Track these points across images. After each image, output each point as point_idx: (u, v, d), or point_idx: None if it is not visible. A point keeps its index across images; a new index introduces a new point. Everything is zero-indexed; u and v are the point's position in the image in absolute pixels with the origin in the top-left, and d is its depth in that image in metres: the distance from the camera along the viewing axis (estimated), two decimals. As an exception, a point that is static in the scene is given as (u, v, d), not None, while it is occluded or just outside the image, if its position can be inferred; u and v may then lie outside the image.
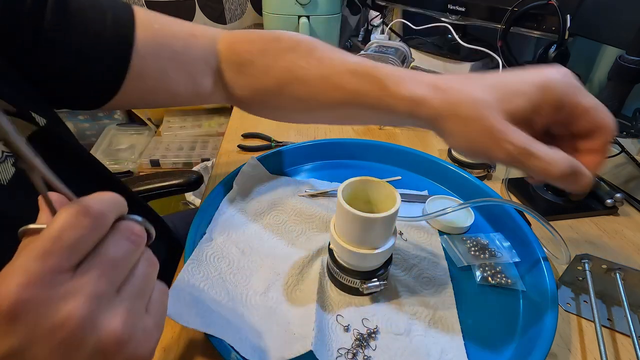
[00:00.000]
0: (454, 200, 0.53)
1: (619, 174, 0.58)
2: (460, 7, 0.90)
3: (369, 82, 0.34)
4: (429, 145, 0.70)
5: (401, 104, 0.32)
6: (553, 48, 0.73)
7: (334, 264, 0.39)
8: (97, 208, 0.20)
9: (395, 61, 0.68)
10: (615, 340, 0.37)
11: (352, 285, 0.38)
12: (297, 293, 0.39)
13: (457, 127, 0.30)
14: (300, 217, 0.49)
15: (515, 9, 0.77)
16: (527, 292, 0.40)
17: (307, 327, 0.34)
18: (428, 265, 0.43)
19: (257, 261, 0.42)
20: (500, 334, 0.37)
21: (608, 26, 0.65)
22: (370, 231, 0.34)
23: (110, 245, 0.20)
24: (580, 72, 0.83)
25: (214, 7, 1.17)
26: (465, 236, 0.47)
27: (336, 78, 0.36)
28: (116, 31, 0.36)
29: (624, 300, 0.36)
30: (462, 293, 0.40)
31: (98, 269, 0.20)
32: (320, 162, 0.61)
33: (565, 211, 0.53)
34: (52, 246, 0.18)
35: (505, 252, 0.45)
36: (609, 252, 0.47)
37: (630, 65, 0.42)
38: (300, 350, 0.32)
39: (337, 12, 0.98)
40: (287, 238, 0.46)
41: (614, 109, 0.45)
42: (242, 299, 0.38)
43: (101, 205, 0.20)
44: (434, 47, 1.00)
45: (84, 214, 0.19)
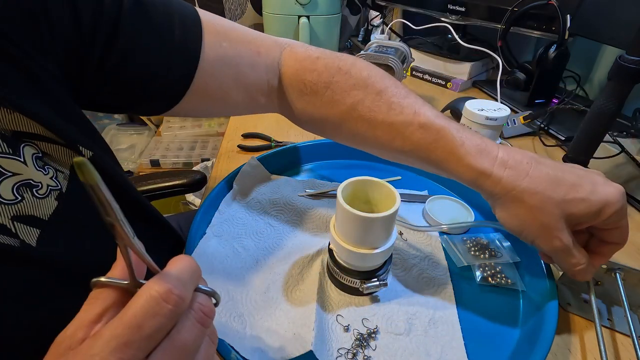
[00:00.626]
0: (454, 201, 0.53)
1: (619, 174, 0.58)
2: (460, 7, 0.90)
3: (439, 142, 0.34)
4: (429, 145, 0.70)
5: (467, 172, 0.33)
6: (553, 48, 0.73)
7: (333, 264, 0.39)
8: (178, 293, 0.19)
9: (395, 61, 0.68)
10: (615, 340, 0.37)
11: (351, 285, 0.38)
12: (297, 293, 0.39)
13: (517, 210, 0.32)
14: (300, 217, 0.49)
15: (515, 9, 0.77)
16: (527, 292, 0.40)
17: (307, 327, 0.34)
18: (428, 265, 0.43)
19: (257, 261, 0.42)
20: (500, 334, 0.37)
21: (608, 26, 0.65)
22: (370, 231, 0.34)
23: (183, 330, 0.20)
24: (580, 72, 0.84)
25: (214, 7, 1.17)
26: (466, 236, 0.47)
27: (404, 129, 0.35)
28: (184, 44, 0.34)
29: (624, 300, 0.36)
30: (462, 293, 0.40)
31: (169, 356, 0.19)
32: (320, 162, 0.61)
33: (565, 211, 0.53)
34: (132, 336, 0.17)
35: (505, 252, 0.45)
36: (609, 252, 0.47)
37: (630, 65, 0.42)
38: (300, 350, 0.32)
39: (337, 12, 0.98)
40: (287, 238, 0.46)
41: (614, 109, 0.45)
42: (241, 299, 0.38)
43: (182, 286, 0.19)
44: (434, 47, 1.00)
45: (165, 299, 0.18)
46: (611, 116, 0.45)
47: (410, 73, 1.03)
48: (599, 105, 0.46)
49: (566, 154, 0.52)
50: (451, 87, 0.95)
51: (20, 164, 0.26)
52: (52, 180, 0.28)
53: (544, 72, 0.77)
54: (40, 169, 0.27)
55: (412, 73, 1.03)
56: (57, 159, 0.29)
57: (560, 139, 0.70)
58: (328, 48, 1.06)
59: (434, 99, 0.90)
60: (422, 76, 1.02)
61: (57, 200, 0.28)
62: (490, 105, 0.57)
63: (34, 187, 0.27)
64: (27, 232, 0.26)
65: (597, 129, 0.47)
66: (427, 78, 1.01)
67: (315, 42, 0.97)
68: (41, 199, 0.27)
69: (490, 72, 1.03)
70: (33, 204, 0.26)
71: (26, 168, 0.26)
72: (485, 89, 0.93)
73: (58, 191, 0.28)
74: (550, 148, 0.70)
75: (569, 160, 0.51)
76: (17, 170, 0.26)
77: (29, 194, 0.26)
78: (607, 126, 0.47)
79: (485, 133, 0.56)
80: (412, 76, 1.04)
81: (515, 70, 0.82)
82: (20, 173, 0.26)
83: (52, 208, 0.28)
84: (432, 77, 0.99)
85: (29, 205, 0.26)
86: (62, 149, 0.30)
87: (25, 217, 0.26)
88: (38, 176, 0.27)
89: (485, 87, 0.94)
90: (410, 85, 0.95)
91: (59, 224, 0.28)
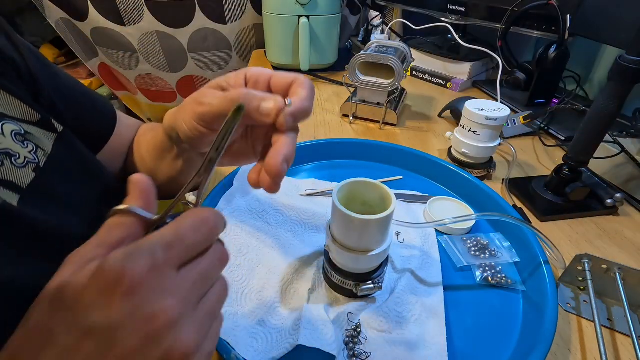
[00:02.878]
0: (455, 202, 0.53)
1: (619, 174, 0.58)
2: (460, 7, 0.90)
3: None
4: (429, 146, 0.70)
5: None
6: (553, 48, 0.73)
7: (328, 265, 0.39)
8: (214, 221, 0.22)
9: (395, 61, 0.68)
10: (615, 340, 0.37)
11: (346, 287, 0.38)
12: (292, 292, 0.39)
13: None
14: (299, 216, 0.49)
15: (515, 9, 0.77)
16: (527, 292, 0.40)
17: (297, 325, 0.35)
18: (422, 265, 0.43)
19: (254, 259, 0.43)
20: (500, 334, 0.37)
21: (608, 26, 0.65)
22: (365, 233, 0.34)
23: (208, 259, 0.22)
24: (580, 72, 0.84)
25: (214, 7, 1.16)
26: (466, 236, 0.47)
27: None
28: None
29: (624, 300, 0.36)
30: (462, 293, 0.40)
31: (195, 276, 0.21)
32: (320, 162, 0.61)
33: (565, 211, 0.53)
34: (176, 241, 0.20)
35: (505, 252, 0.45)
36: (609, 252, 0.47)
37: (630, 65, 0.41)
38: (287, 348, 0.33)
39: (337, 12, 0.98)
40: (285, 237, 0.46)
41: (614, 109, 0.45)
42: (237, 297, 0.38)
43: (216, 219, 0.22)
44: (434, 47, 1.00)
45: (204, 222, 0.21)
46: (611, 116, 0.45)
47: (410, 73, 1.03)
48: (599, 105, 0.46)
49: (566, 154, 0.52)
50: (451, 87, 0.95)
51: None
52: (30, 154, 0.31)
53: (544, 72, 0.77)
54: (18, 142, 0.30)
55: (412, 73, 1.03)
56: (38, 138, 0.33)
57: (560, 139, 0.70)
58: (328, 48, 1.06)
59: (434, 99, 0.90)
60: (422, 76, 1.02)
61: (34, 172, 0.31)
62: (490, 105, 0.57)
63: (12, 156, 0.30)
64: (8, 194, 0.28)
65: (597, 129, 0.47)
66: (427, 78, 1.01)
67: (316, 42, 0.97)
68: (19, 168, 0.30)
69: (490, 72, 1.03)
70: (11, 171, 0.29)
71: (4, 139, 0.29)
72: (485, 89, 0.93)
73: (35, 164, 0.31)
74: (550, 148, 0.70)
75: (569, 160, 0.51)
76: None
77: (8, 162, 0.29)
78: (607, 126, 0.47)
79: (485, 133, 0.56)
80: (412, 76, 1.04)
81: (515, 70, 0.82)
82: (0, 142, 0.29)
83: (30, 178, 0.30)
84: (432, 77, 0.99)
85: (8, 171, 0.29)
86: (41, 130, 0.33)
87: (4, 182, 0.28)
88: (16, 148, 0.30)
89: (485, 87, 0.94)
90: (410, 85, 0.95)
91: (36, 193, 0.30)
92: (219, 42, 1.26)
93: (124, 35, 1.21)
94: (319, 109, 0.83)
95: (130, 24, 1.18)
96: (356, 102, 0.77)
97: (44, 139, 0.33)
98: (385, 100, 0.73)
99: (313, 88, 0.29)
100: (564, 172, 0.53)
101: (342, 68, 0.83)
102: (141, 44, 1.24)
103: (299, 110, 0.27)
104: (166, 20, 1.18)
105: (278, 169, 0.26)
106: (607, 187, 0.55)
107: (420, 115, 0.82)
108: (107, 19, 1.16)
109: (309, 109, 0.28)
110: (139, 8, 1.14)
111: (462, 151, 0.59)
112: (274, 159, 0.26)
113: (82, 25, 1.20)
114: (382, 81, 0.72)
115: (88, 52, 1.32)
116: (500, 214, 0.42)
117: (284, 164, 0.26)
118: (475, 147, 0.57)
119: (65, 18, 1.19)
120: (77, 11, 1.16)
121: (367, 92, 0.75)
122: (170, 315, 0.19)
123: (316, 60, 0.99)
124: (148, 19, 1.16)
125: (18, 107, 0.32)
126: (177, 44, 1.24)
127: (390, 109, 0.74)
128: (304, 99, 0.28)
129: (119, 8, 1.13)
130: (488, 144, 0.57)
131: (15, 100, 0.32)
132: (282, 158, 0.26)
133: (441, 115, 0.81)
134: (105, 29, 1.19)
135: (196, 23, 1.19)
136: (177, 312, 0.19)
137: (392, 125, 0.76)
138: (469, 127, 0.57)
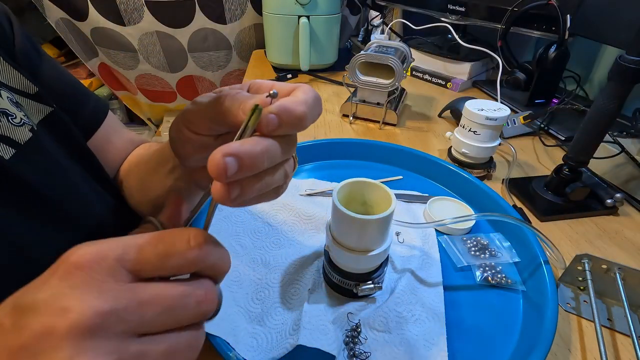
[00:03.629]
0: (455, 202, 0.53)
1: (619, 174, 0.58)
2: (460, 7, 0.90)
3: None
4: (429, 146, 0.70)
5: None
6: (553, 48, 0.73)
7: (328, 265, 0.39)
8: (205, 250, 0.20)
9: (395, 61, 0.68)
10: (615, 340, 0.37)
11: (346, 287, 0.38)
12: (292, 292, 0.39)
13: None
14: (299, 216, 0.49)
15: (515, 9, 0.77)
16: (527, 292, 0.40)
17: (297, 325, 0.34)
18: (422, 265, 0.43)
19: (253, 259, 0.43)
20: (500, 334, 0.37)
21: (608, 26, 0.65)
22: (365, 233, 0.34)
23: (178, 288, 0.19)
24: (580, 72, 0.84)
25: (214, 7, 1.16)
26: (466, 236, 0.47)
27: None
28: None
29: (624, 300, 0.36)
30: (462, 293, 0.40)
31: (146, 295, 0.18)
32: (320, 162, 0.61)
33: (565, 211, 0.53)
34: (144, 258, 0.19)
35: (505, 252, 0.45)
36: (609, 252, 0.47)
37: (630, 65, 0.41)
38: (287, 348, 0.33)
39: (337, 12, 0.98)
40: (285, 237, 0.46)
41: (614, 109, 0.45)
42: (237, 297, 0.38)
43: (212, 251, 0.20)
44: (434, 47, 1.00)
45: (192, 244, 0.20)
46: (611, 116, 0.45)
47: (410, 73, 1.03)
48: (599, 105, 0.46)
49: (566, 154, 0.52)
50: (451, 87, 0.95)
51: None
52: (25, 118, 0.32)
53: (544, 72, 0.77)
54: (13, 105, 0.32)
55: (412, 73, 1.03)
56: (27, 110, 0.34)
57: (560, 139, 0.70)
58: (328, 48, 1.06)
59: (434, 99, 0.90)
60: (422, 76, 1.02)
61: (31, 132, 0.32)
62: (490, 105, 0.57)
63: (9, 115, 0.31)
64: (2, 148, 0.29)
65: (597, 129, 0.47)
66: (427, 78, 1.01)
67: (315, 42, 0.97)
68: (16, 127, 0.31)
69: (490, 72, 1.03)
70: (9, 128, 0.30)
71: (2, 100, 0.30)
72: (485, 89, 0.93)
73: (31, 126, 0.32)
74: (550, 148, 0.70)
75: (569, 160, 0.51)
76: None
77: (5, 119, 0.30)
78: (607, 126, 0.47)
79: (485, 133, 0.56)
80: (412, 76, 1.04)
81: (515, 70, 0.82)
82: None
83: (27, 137, 0.31)
84: (432, 77, 0.99)
85: (5, 127, 0.30)
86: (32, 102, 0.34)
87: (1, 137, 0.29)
88: (12, 109, 0.31)
89: (485, 87, 0.94)
90: (410, 85, 0.95)
91: (33, 151, 0.31)
92: (219, 42, 1.26)
93: (124, 35, 1.21)
94: (319, 109, 0.83)
95: (130, 24, 1.18)
96: (356, 102, 0.77)
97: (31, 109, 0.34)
98: (385, 100, 0.73)
99: (316, 96, 0.24)
100: (564, 172, 0.53)
101: (342, 68, 0.82)
102: (141, 44, 1.24)
103: (286, 110, 0.21)
104: (166, 20, 1.18)
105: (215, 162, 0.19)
106: (607, 187, 0.55)
107: (420, 115, 0.82)
108: (107, 19, 1.17)
109: (303, 115, 0.22)
110: (139, 8, 1.14)
111: (462, 151, 0.59)
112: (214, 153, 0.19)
113: (82, 25, 1.20)
114: (382, 81, 0.72)
115: (88, 52, 1.32)
116: (500, 214, 0.42)
117: (224, 158, 0.19)
118: (475, 147, 0.57)
119: (65, 18, 1.19)
120: (77, 11, 1.16)
121: (367, 92, 0.75)
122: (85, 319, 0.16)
123: (316, 60, 0.99)
124: (148, 19, 1.16)
125: (16, 77, 0.33)
126: (177, 44, 1.24)
127: (390, 109, 0.74)
128: (297, 102, 0.22)
129: (119, 8, 1.13)
130: (488, 144, 0.57)
131: (14, 70, 0.33)
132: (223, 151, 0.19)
133: (441, 115, 0.81)
134: (105, 29, 1.19)
135: (196, 23, 1.19)
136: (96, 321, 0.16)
137: (392, 125, 0.76)
138: (469, 127, 0.57)
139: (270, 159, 0.21)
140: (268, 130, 0.21)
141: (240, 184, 0.20)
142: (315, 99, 0.23)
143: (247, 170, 0.20)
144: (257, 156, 0.20)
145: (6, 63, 0.33)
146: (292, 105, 0.22)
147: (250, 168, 0.20)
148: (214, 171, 0.19)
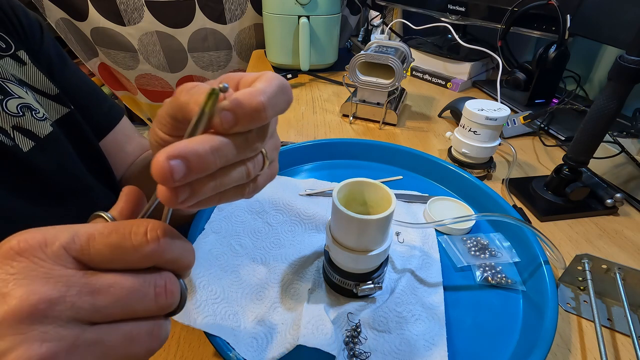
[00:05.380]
0: (455, 202, 0.53)
1: (619, 174, 0.58)
2: (460, 7, 0.90)
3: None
4: (429, 146, 0.70)
5: None
6: (553, 48, 0.73)
7: (328, 265, 0.38)
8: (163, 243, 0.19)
9: (395, 61, 0.68)
10: (615, 340, 0.37)
11: (346, 287, 0.38)
12: (292, 292, 0.39)
13: None
14: (299, 217, 0.49)
15: (515, 9, 0.77)
16: (527, 292, 0.40)
17: (296, 324, 0.34)
18: (422, 265, 0.43)
19: (253, 259, 0.43)
20: (501, 334, 0.37)
21: (608, 26, 0.65)
22: (365, 233, 0.33)
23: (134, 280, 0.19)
24: (580, 72, 0.84)
25: (213, 7, 1.16)
26: (466, 236, 0.47)
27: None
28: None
29: (624, 300, 0.36)
30: (462, 293, 0.40)
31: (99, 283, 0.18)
32: (320, 162, 0.61)
33: (565, 211, 0.53)
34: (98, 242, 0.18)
35: (505, 252, 0.45)
36: (609, 252, 0.47)
37: (630, 65, 0.41)
38: (288, 348, 0.33)
39: (337, 12, 0.98)
40: (285, 237, 0.46)
41: (614, 109, 0.45)
42: (237, 296, 0.38)
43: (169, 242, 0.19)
44: (434, 47, 1.00)
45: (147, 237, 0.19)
46: (611, 116, 0.45)
47: (410, 73, 1.03)
48: (599, 105, 0.46)
49: (566, 154, 0.52)
50: (451, 87, 0.95)
51: (24, 92, 0.35)
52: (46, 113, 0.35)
53: (544, 72, 0.77)
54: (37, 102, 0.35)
55: (412, 73, 1.03)
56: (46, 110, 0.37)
57: (560, 139, 0.70)
58: (328, 48, 1.06)
59: (434, 99, 0.90)
60: (422, 76, 1.02)
61: (51, 127, 0.35)
62: (490, 105, 0.57)
63: (33, 110, 0.33)
64: (23, 140, 0.32)
65: (597, 129, 0.47)
66: (427, 78, 1.01)
67: (315, 42, 0.97)
68: (39, 121, 0.34)
69: (490, 72, 1.03)
70: (31, 122, 0.33)
71: (27, 96, 0.34)
72: (485, 89, 0.93)
73: (52, 121, 0.35)
74: (550, 148, 0.70)
75: (569, 160, 0.51)
76: (21, 95, 0.34)
77: (29, 113, 0.33)
78: (607, 126, 0.47)
79: (485, 133, 0.56)
80: (412, 76, 1.04)
81: (515, 70, 0.82)
82: (23, 98, 0.34)
83: (48, 130, 0.34)
84: (432, 77, 0.99)
85: (28, 121, 0.33)
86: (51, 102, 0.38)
87: (24, 130, 0.32)
88: (36, 105, 0.34)
89: (485, 87, 0.94)
90: (410, 85, 0.95)
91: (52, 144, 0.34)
92: (219, 42, 1.26)
93: (124, 35, 1.21)
94: (319, 109, 0.83)
95: (130, 24, 1.18)
96: (356, 102, 0.77)
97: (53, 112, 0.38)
98: (385, 100, 0.73)
99: (280, 84, 0.21)
100: (564, 172, 0.53)
101: (342, 68, 0.83)
102: (141, 44, 1.24)
103: (240, 105, 0.19)
104: (166, 20, 1.18)
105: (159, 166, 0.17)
106: (607, 187, 0.55)
107: (420, 115, 0.82)
108: (107, 19, 1.17)
109: (260, 107, 0.19)
110: (139, 8, 1.14)
111: (462, 151, 0.59)
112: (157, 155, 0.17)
113: (82, 25, 1.20)
114: (382, 81, 0.72)
115: (88, 52, 1.32)
116: (500, 214, 0.42)
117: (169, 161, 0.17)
118: (475, 147, 0.57)
119: (65, 18, 1.19)
120: (77, 11, 1.16)
121: (367, 92, 0.75)
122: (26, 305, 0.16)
123: (316, 60, 0.99)
124: (148, 19, 1.16)
125: (38, 78, 0.37)
126: (177, 44, 1.24)
127: (390, 109, 0.74)
128: (255, 92, 0.19)
129: (119, 8, 1.13)
130: (488, 144, 0.57)
131: (38, 71, 0.37)
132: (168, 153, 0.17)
133: (441, 115, 0.81)
134: (105, 29, 1.19)
135: (196, 23, 1.19)
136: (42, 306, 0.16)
137: (392, 125, 0.76)
138: (469, 127, 0.57)
139: (222, 158, 0.19)
140: (223, 128, 0.19)
141: (190, 186, 0.19)
142: (278, 87, 0.21)
143: (196, 173, 0.18)
144: (206, 156, 0.18)
145: (32, 65, 0.36)
146: (248, 97, 0.19)
147: (199, 170, 0.18)
148: (158, 176, 0.17)
